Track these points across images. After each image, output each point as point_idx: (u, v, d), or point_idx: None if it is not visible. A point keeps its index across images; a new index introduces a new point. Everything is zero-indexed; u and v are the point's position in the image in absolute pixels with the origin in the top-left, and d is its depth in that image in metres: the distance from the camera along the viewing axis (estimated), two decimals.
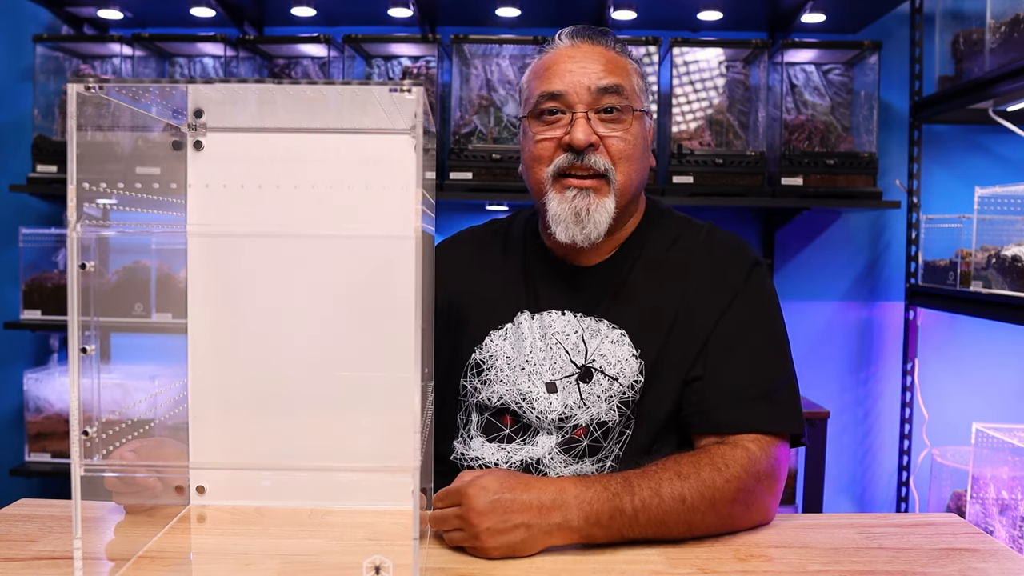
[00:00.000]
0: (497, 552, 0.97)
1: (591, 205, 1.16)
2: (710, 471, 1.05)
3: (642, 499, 1.01)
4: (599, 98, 1.17)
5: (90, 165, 0.76)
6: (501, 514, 0.97)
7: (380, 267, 1.02)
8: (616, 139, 1.18)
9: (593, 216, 1.16)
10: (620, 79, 1.18)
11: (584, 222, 1.17)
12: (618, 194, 1.18)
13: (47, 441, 2.61)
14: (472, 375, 1.25)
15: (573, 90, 1.17)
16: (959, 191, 2.69)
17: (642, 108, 1.21)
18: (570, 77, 1.17)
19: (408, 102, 0.77)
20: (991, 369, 2.73)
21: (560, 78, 1.18)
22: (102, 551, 0.94)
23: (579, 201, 1.16)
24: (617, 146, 1.18)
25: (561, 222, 1.17)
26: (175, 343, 1.03)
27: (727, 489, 1.04)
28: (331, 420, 1.03)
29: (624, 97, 1.18)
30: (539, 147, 1.20)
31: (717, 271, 1.22)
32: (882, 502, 2.86)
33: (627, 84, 1.19)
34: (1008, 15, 2.15)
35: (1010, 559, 0.98)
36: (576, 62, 1.18)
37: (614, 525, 1.00)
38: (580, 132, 1.15)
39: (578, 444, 1.19)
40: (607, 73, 1.18)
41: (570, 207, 1.17)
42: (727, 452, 1.08)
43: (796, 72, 2.64)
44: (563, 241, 1.18)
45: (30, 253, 2.68)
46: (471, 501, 0.97)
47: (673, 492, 1.02)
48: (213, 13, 2.63)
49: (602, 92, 1.17)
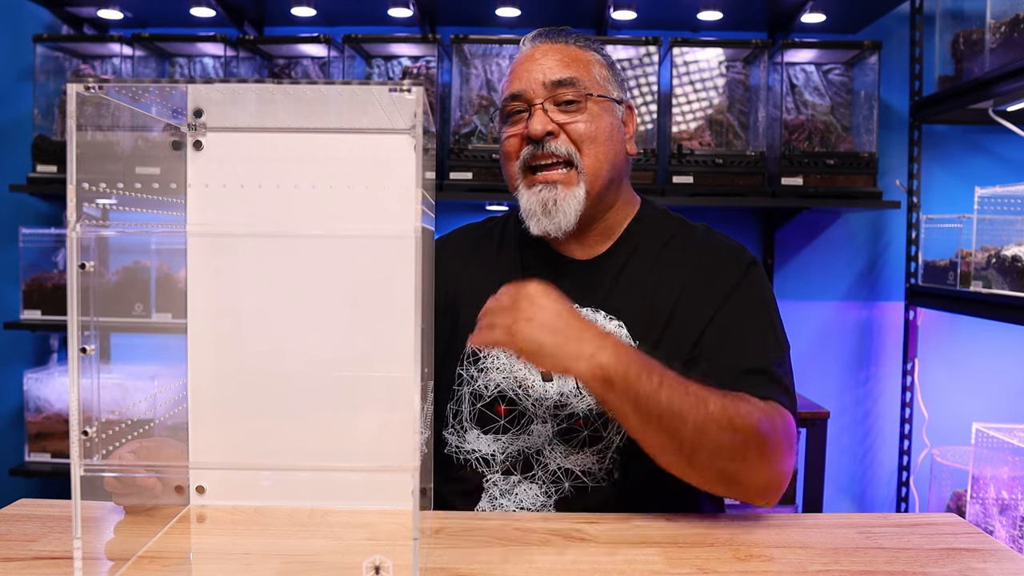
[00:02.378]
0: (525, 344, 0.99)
1: (558, 196, 1.19)
2: (734, 397, 1.06)
3: (669, 382, 1.02)
4: (554, 91, 1.21)
5: (90, 165, 0.76)
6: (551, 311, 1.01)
7: (380, 267, 1.02)
8: (576, 124, 1.21)
9: (561, 206, 1.19)
10: (575, 71, 1.22)
11: (553, 213, 1.19)
12: (588, 179, 1.20)
13: (47, 441, 2.61)
14: (469, 363, 1.26)
15: (529, 87, 1.22)
16: (959, 191, 2.69)
17: (606, 95, 1.24)
18: (527, 76, 1.22)
19: (408, 102, 0.77)
20: (991, 369, 2.73)
21: (519, 79, 1.23)
22: (102, 551, 0.94)
23: (545, 193, 1.20)
24: (578, 129, 1.21)
25: (532, 215, 1.21)
26: (175, 343, 1.03)
27: (748, 417, 1.04)
28: (331, 420, 1.03)
29: (580, 87, 1.21)
30: (507, 144, 1.25)
31: (715, 267, 1.22)
32: (882, 502, 2.86)
33: (584, 75, 1.22)
34: (1008, 15, 2.14)
35: (1010, 559, 0.98)
36: (534, 61, 1.23)
37: (634, 385, 1.00)
38: (536, 122, 1.19)
39: (578, 434, 1.19)
40: (562, 67, 1.22)
41: (538, 200, 1.20)
42: (748, 396, 1.08)
43: (796, 72, 2.64)
44: (536, 234, 1.22)
45: (30, 253, 2.68)
46: (530, 289, 1.03)
47: (700, 392, 1.03)
48: (213, 13, 2.63)
49: (556, 85, 1.21)
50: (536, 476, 1.20)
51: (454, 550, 0.99)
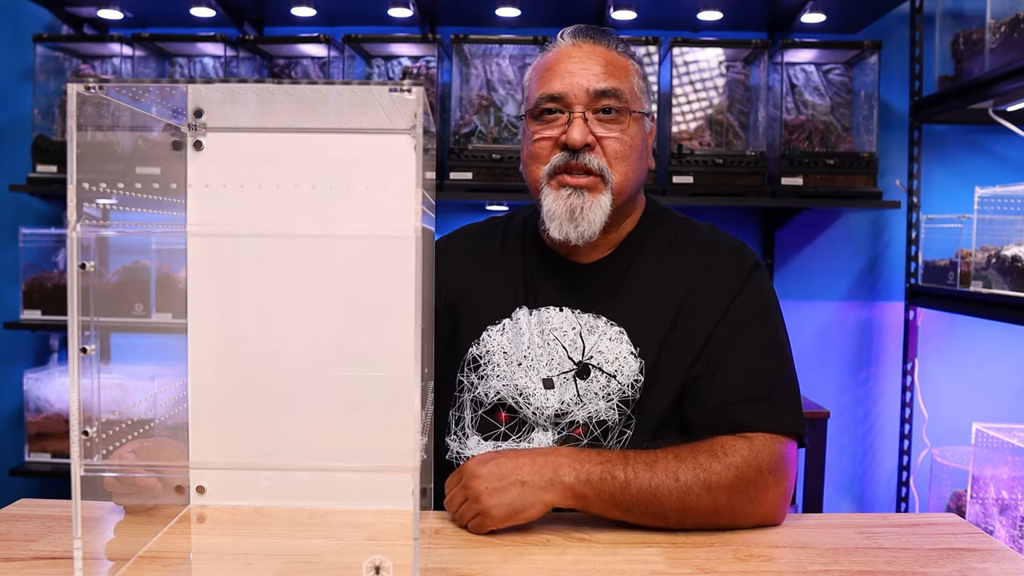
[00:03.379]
0: (499, 511, 1.03)
1: (585, 203, 1.17)
2: (707, 456, 1.07)
3: (635, 470, 1.05)
4: (597, 100, 1.17)
5: (90, 165, 0.76)
6: (497, 473, 1.05)
7: (380, 267, 1.02)
8: (613, 140, 1.18)
9: (587, 214, 1.17)
10: (619, 81, 1.19)
11: (578, 220, 1.18)
12: (615, 194, 1.19)
13: (47, 441, 2.61)
14: (469, 370, 1.25)
15: (572, 91, 1.17)
16: (959, 191, 2.69)
17: (641, 110, 1.22)
18: (570, 78, 1.18)
19: (408, 102, 0.77)
20: (991, 369, 2.73)
21: (560, 79, 1.18)
22: (102, 551, 0.94)
23: (574, 199, 1.17)
24: (613, 147, 1.18)
25: (555, 219, 1.18)
26: (175, 343, 1.03)
27: (724, 474, 1.05)
28: (331, 420, 1.03)
29: (622, 99, 1.18)
30: (537, 146, 1.21)
31: (718, 272, 1.22)
32: (882, 502, 2.86)
33: (626, 86, 1.19)
34: (1008, 15, 2.14)
35: (1010, 559, 0.98)
36: (576, 62, 1.19)
37: (605, 489, 1.04)
38: (577, 132, 1.16)
39: (578, 442, 1.19)
40: (606, 75, 1.18)
41: (565, 204, 1.18)
42: (728, 441, 1.09)
43: (796, 72, 2.64)
44: (557, 238, 1.20)
45: (30, 253, 2.68)
46: (470, 467, 1.07)
47: (667, 469, 1.05)
48: (213, 13, 2.63)
49: (600, 94, 1.17)
50: None
51: (454, 550, 0.99)
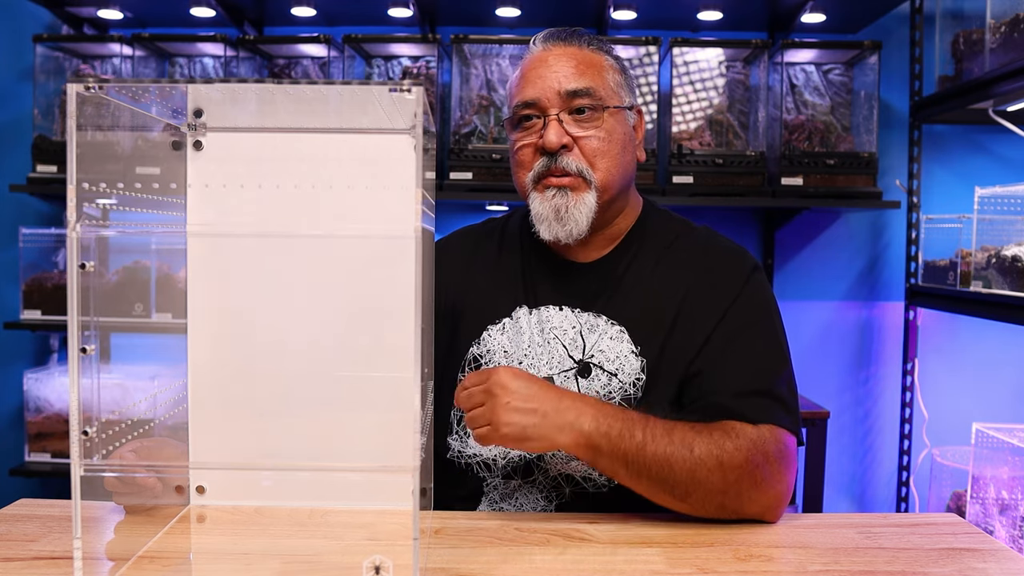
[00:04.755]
0: (510, 430, 1.02)
1: (570, 202, 1.19)
2: (721, 434, 1.07)
3: (653, 434, 1.05)
4: (570, 100, 1.19)
5: (90, 165, 0.76)
6: (525, 393, 1.03)
7: (380, 267, 1.02)
8: (589, 139, 1.20)
9: (572, 213, 1.19)
10: (591, 80, 1.20)
11: (565, 219, 1.19)
12: (599, 191, 1.20)
13: (47, 441, 2.61)
14: (470, 369, 1.25)
15: (544, 95, 1.20)
16: (959, 191, 2.69)
17: (620, 104, 1.23)
18: (541, 83, 1.20)
19: (408, 102, 0.77)
20: (991, 369, 2.73)
21: (532, 85, 1.21)
22: (102, 551, 0.94)
23: (558, 199, 1.19)
24: (591, 145, 1.20)
25: (543, 220, 1.21)
26: (175, 343, 1.03)
27: (736, 455, 1.05)
28: (331, 420, 1.03)
29: (596, 97, 1.20)
30: (520, 154, 1.24)
31: (718, 272, 1.22)
32: (882, 502, 2.86)
33: (600, 83, 1.21)
34: (1008, 15, 2.15)
35: (1010, 559, 0.98)
36: (547, 66, 1.21)
37: (620, 446, 1.04)
38: (552, 134, 1.18)
39: None
40: (577, 75, 1.20)
41: (550, 205, 1.20)
42: (737, 426, 1.09)
43: (796, 72, 2.64)
44: (547, 239, 1.22)
45: (30, 253, 2.68)
46: (501, 375, 1.04)
47: (684, 439, 1.05)
48: (213, 13, 2.63)
49: (572, 95, 1.19)
50: (537, 481, 1.20)
51: (454, 550, 0.99)
